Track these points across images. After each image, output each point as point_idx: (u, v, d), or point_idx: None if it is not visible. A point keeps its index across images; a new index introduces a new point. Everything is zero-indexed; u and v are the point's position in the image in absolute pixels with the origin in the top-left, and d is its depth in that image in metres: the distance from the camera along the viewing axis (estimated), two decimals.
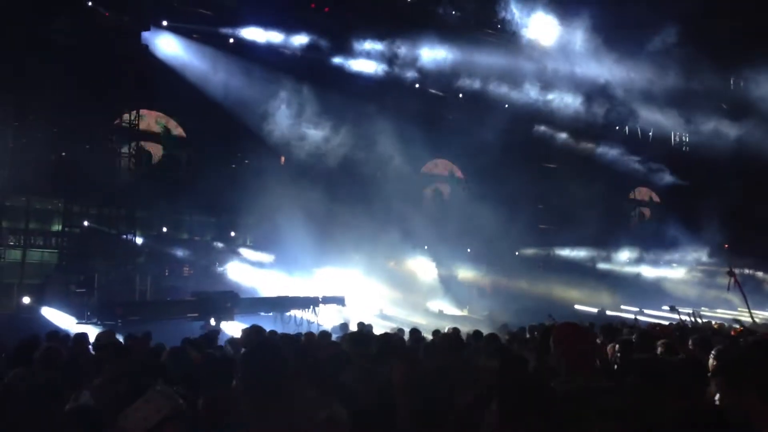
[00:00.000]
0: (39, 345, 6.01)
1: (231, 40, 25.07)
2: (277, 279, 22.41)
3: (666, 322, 13.89)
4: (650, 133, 35.15)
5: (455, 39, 26.08)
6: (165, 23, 23.84)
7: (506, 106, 28.47)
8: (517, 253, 30.93)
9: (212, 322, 15.02)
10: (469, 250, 28.76)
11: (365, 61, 26.53)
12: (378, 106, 24.65)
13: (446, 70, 27.17)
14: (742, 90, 28.72)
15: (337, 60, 26.50)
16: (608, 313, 22.76)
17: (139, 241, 22.36)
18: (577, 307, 25.10)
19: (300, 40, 25.93)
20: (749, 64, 25.19)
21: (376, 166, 25.29)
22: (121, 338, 8.91)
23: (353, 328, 11.79)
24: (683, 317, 13.99)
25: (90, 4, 21.19)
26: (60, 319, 15.74)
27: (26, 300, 17.89)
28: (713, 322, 14.90)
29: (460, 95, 29.38)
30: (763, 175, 27.65)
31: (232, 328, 14.39)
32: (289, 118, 24.70)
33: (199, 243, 25.06)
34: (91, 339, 8.06)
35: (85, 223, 21.75)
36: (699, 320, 13.46)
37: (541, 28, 27.50)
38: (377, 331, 10.91)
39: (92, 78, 20.15)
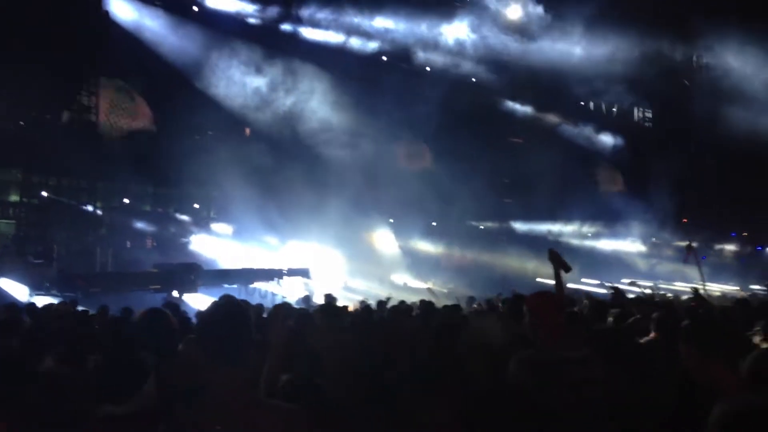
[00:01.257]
0: None
1: (195, 8, 24.60)
2: (240, 251, 22.32)
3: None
4: (614, 109, 35.66)
5: (418, 10, 25.99)
6: None
7: (473, 80, 28.59)
8: (481, 227, 31.31)
9: (175, 294, 14.97)
10: (434, 224, 29.03)
11: (325, 31, 26.31)
12: (342, 77, 24.52)
13: (409, 42, 27.13)
14: (703, 66, 29.27)
15: (298, 30, 26.16)
16: (569, 286, 23.18)
17: (99, 212, 22.03)
18: (538, 280, 25.53)
19: (264, 8, 25.58)
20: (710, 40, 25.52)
21: (340, 139, 25.19)
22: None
23: (318, 300, 11.92)
24: (646, 290, 14.43)
25: None
26: (17, 290, 15.46)
27: None
28: (669, 295, 15.46)
29: (427, 68, 29.31)
30: (722, 150, 28.17)
31: (196, 301, 14.36)
32: (252, 89, 24.45)
33: (162, 215, 24.80)
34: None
35: (44, 194, 21.34)
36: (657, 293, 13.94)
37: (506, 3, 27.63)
38: (341, 303, 11.05)
39: (51, 45, 19.60)
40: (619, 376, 3.97)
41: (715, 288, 19.87)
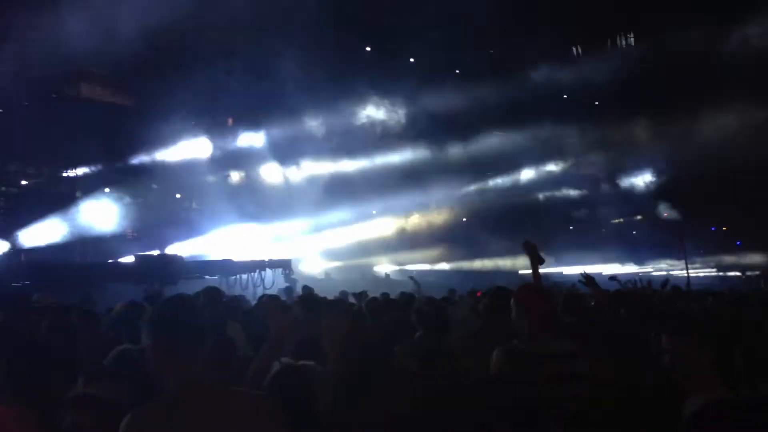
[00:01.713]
0: None
1: None
2: (222, 242, 22.22)
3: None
4: None
5: None
6: None
7: None
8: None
9: (156, 286, 14.83)
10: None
11: None
12: None
13: None
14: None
15: None
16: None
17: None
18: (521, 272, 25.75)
19: None
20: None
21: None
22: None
23: (299, 291, 11.88)
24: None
25: None
26: None
27: None
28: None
29: None
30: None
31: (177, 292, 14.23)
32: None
33: None
34: None
35: (23, 183, 21.09)
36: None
37: None
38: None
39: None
40: (607, 371, 4.00)
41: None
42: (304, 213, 23.95)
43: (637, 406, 3.58)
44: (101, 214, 20.62)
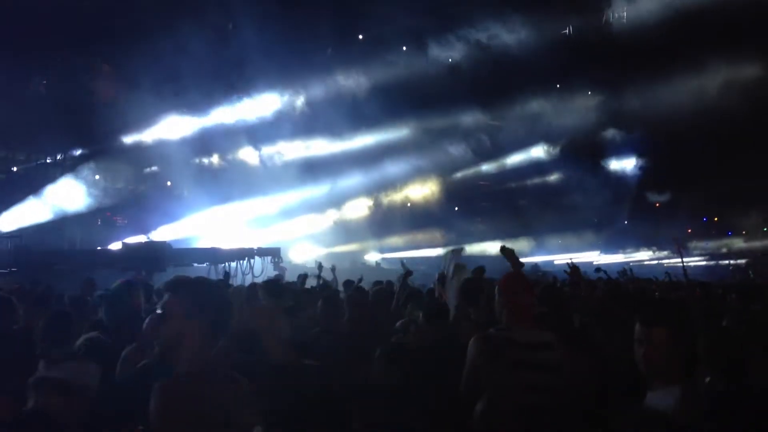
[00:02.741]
0: None
1: None
2: (209, 229, 22.19)
3: None
4: None
5: None
6: None
7: None
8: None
9: (143, 273, 14.77)
10: None
11: None
12: None
13: None
14: None
15: None
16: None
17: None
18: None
19: None
20: None
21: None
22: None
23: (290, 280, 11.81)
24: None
25: None
26: None
27: None
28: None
29: None
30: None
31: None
32: None
33: None
34: None
35: (14, 169, 21.00)
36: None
37: None
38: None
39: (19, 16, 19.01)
40: (582, 362, 4.02)
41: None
42: (287, 195, 24.03)
43: (606, 399, 3.62)
44: (84, 198, 20.54)
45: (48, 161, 22.04)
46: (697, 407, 2.71)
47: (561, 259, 24.38)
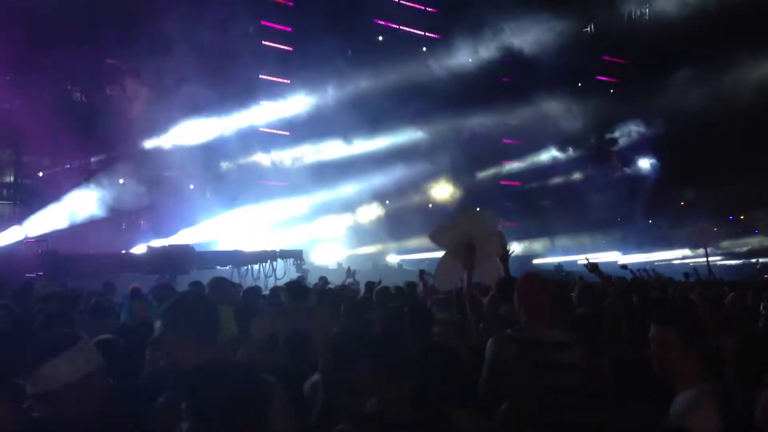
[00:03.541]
0: None
1: None
2: (230, 232, 22.34)
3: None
4: None
5: None
6: None
7: None
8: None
9: (168, 277, 14.94)
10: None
11: None
12: None
13: None
14: None
15: None
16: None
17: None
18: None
19: None
20: None
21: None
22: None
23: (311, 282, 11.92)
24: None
25: None
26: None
27: None
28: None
29: None
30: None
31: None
32: None
33: None
34: None
35: (39, 174, 21.32)
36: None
37: None
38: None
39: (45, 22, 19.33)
40: (599, 362, 4.01)
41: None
42: (309, 197, 24.19)
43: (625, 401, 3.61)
44: (109, 202, 20.82)
45: (73, 166, 22.33)
46: (708, 413, 2.63)
47: (583, 258, 24.25)
